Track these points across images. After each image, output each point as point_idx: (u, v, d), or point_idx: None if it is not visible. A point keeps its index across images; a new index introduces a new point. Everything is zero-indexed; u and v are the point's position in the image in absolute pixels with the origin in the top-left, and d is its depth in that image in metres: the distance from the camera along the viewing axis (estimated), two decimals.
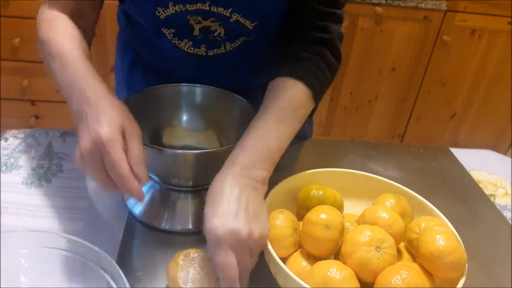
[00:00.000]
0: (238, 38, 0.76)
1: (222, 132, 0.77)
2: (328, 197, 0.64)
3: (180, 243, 0.65)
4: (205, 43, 0.76)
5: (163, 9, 0.71)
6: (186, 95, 0.77)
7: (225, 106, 0.75)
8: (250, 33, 0.75)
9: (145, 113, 0.70)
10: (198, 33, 0.74)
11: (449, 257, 0.53)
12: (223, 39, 0.76)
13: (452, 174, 0.90)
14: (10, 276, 0.53)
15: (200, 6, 0.70)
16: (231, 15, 0.71)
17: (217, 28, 0.73)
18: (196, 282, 0.54)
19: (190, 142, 0.77)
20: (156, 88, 0.75)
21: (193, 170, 0.65)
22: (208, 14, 0.71)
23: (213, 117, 0.77)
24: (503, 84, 2.08)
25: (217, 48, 0.77)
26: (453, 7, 1.88)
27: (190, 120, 0.78)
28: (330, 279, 0.51)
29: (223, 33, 0.75)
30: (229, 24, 0.73)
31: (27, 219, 0.67)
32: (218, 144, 0.76)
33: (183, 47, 0.76)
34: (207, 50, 0.77)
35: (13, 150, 0.81)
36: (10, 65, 1.86)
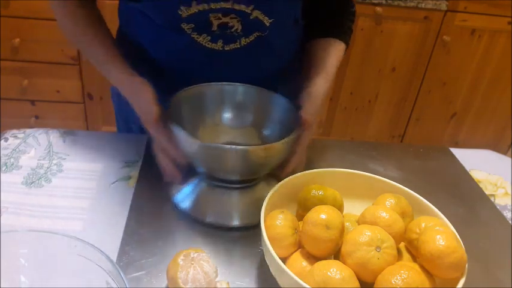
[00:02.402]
0: (253, 33, 0.78)
1: (261, 129, 0.79)
2: (328, 197, 0.64)
3: (180, 243, 0.66)
4: (222, 38, 0.77)
5: (186, 8, 0.72)
6: (227, 93, 0.79)
7: (264, 104, 0.78)
8: (265, 29, 0.77)
9: (188, 111, 0.74)
10: (216, 28, 0.75)
11: (449, 257, 0.53)
12: (240, 35, 0.77)
13: (452, 174, 0.90)
14: (10, 276, 0.53)
15: (223, 5, 0.72)
16: (252, 12, 0.74)
17: (235, 24, 0.75)
18: (196, 282, 0.54)
19: (232, 138, 0.79)
20: (199, 87, 0.77)
21: (244, 165, 0.67)
22: (229, 11, 0.73)
23: (253, 115, 0.80)
24: (503, 84, 2.08)
25: (233, 43, 0.78)
26: (453, 7, 1.88)
27: (231, 118, 0.80)
28: (330, 279, 0.51)
29: (240, 29, 0.76)
30: (248, 21, 0.75)
31: (27, 219, 0.67)
32: (259, 141, 0.78)
33: (201, 41, 0.77)
34: (223, 45, 0.78)
35: (13, 150, 0.81)
36: (10, 65, 1.86)
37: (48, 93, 1.95)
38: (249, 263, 0.64)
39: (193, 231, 0.68)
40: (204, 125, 0.78)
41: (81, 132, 0.88)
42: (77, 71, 1.92)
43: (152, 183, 0.76)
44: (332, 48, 0.85)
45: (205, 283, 0.54)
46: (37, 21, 1.78)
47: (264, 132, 0.79)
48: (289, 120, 0.73)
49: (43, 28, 1.79)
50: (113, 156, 0.82)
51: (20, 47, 1.82)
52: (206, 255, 0.57)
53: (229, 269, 0.62)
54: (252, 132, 0.79)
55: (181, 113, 0.72)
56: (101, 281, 0.53)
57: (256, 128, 0.79)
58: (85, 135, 0.87)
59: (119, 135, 0.90)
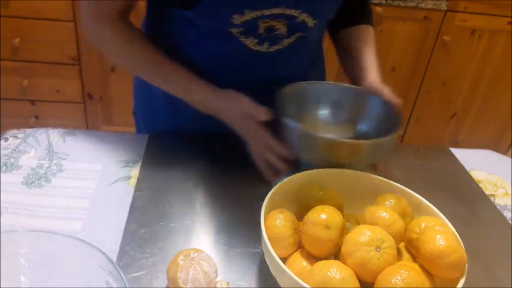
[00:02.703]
0: (296, 34, 0.80)
1: (356, 125, 0.83)
2: (328, 197, 0.64)
3: (180, 243, 0.66)
4: (268, 40, 0.79)
5: (239, 16, 0.73)
6: (324, 91, 0.84)
7: (359, 102, 0.82)
8: (308, 30, 0.80)
9: (289, 107, 0.76)
10: (262, 31, 0.77)
11: (449, 257, 0.53)
12: (284, 36, 0.80)
13: (452, 174, 0.90)
14: (10, 276, 0.53)
15: (274, 11, 0.74)
16: (299, 15, 0.76)
17: (281, 27, 0.78)
18: (196, 282, 0.54)
19: (329, 134, 0.81)
20: (298, 85, 0.82)
21: (355, 158, 0.70)
22: (279, 16, 0.75)
23: (348, 112, 0.84)
24: (503, 84, 2.08)
25: (277, 44, 0.81)
26: (453, 7, 1.88)
27: (327, 114, 0.85)
28: (330, 279, 0.51)
29: (285, 32, 0.79)
30: (294, 23, 0.78)
31: (27, 219, 0.67)
32: (356, 137, 0.82)
33: (248, 44, 0.79)
34: (268, 46, 0.80)
35: (13, 150, 0.81)
36: (10, 65, 1.86)
37: (48, 93, 1.95)
38: (249, 263, 0.64)
39: (193, 231, 0.68)
40: (302, 121, 0.80)
41: (81, 132, 0.88)
42: (77, 71, 1.92)
43: (152, 183, 0.76)
44: (368, 36, 0.90)
45: (205, 283, 0.54)
46: (37, 21, 1.78)
47: (358, 128, 0.83)
48: (382, 117, 0.79)
49: (43, 28, 1.79)
50: (113, 156, 0.82)
51: (20, 47, 1.82)
52: (206, 255, 0.57)
53: (229, 269, 0.62)
54: (348, 128, 0.83)
55: (283, 109, 0.74)
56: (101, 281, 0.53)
57: (351, 125, 0.83)
58: (85, 135, 0.87)
59: (119, 135, 0.90)
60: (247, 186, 0.78)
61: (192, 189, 0.76)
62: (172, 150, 0.86)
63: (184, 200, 0.74)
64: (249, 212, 0.72)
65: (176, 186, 0.76)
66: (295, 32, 0.80)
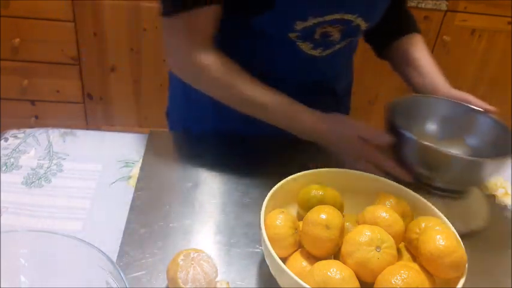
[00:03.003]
0: (347, 39, 0.83)
1: (464, 141, 0.82)
2: (328, 197, 0.64)
3: (180, 243, 0.66)
4: (322, 45, 0.81)
5: (302, 22, 0.74)
6: (433, 105, 0.84)
7: (469, 119, 0.82)
8: (359, 34, 0.83)
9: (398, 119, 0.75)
10: (318, 36, 0.78)
11: (449, 257, 0.53)
12: (337, 42, 0.82)
13: None
14: (10, 276, 0.53)
15: (335, 16, 0.75)
16: (355, 19, 0.78)
17: (335, 33, 0.79)
18: (196, 282, 0.54)
19: None
20: (408, 98, 0.84)
21: (470, 174, 0.71)
22: (339, 21, 0.77)
23: (457, 128, 0.83)
24: (503, 84, 2.08)
25: (329, 49, 0.82)
26: (453, 7, 1.88)
27: (435, 129, 0.84)
28: (330, 279, 0.51)
29: (338, 38, 0.81)
30: (349, 28, 0.79)
31: (27, 219, 0.67)
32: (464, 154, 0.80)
33: (303, 48, 0.80)
34: (322, 51, 0.82)
35: (13, 150, 0.81)
36: (10, 65, 1.86)
37: (48, 93, 1.95)
38: (249, 263, 0.64)
39: (193, 231, 0.68)
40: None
41: (81, 132, 0.88)
42: (77, 71, 1.92)
43: (152, 183, 0.76)
44: (422, 45, 0.93)
45: (205, 283, 0.54)
46: (37, 21, 1.78)
47: (466, 145, 0.82)
48: (490, 134, 0.79)
49: (43, 28, 1.79)
50: (113, 156, 0.82)
51: (20, 47, 1.82)
52: (206, 255, 0.57)
53: (229, 269, 0.62)
54: (456, 145, 0.81)
55: (395, 122, 0.73)
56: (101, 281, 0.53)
57: (459, 141, 0.82)
58: (85, 135, 0.87)
59: (119, 135, 0.90)
60: (247, 186, 0.78)
61: (192, 189, 0.76)
62: (172, 150, 0.86)
63: (184, 200, 0.74)
64: (249, 212, 0.73)
65: (176, 186, 0.76)
66: (348, 37, 0.82)
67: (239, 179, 0.80)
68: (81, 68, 1.91)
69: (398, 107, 0.78)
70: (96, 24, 1.80)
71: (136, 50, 1.89)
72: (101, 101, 2.01)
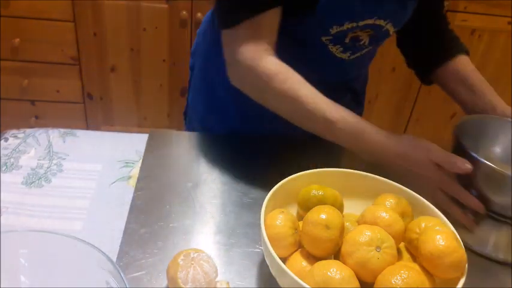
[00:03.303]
0: (374, 44, 0.84)
1: None
2: (328, 197, 0.64)
3: (180, 243, 0.66)
4: (351, 49, 0.82)
5: (338, 27, 0.75)
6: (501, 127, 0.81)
7: None
8: (387, 37, 0.84)
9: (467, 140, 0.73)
10: (348, 41, 0.80)
11: (449, 257, 0.53)
12: (365, 47, 0.83)
13: None
14: (10, 276, 0.53)
15: (368, 21, 0.77)
16: (386, 25, 0.79)
17: (364, 38, 0.80)
18: (196, 282, 0.54)
19: None
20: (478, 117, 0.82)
21: None
22: (370, 26, 0.78)
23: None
24: (503, 84, 2.08)
25: (357, 53, 0.84)
26: (453, 7, 1.88)
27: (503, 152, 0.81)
28: (330, 279, 0.51)
29: (367, 42, 0.82)
30: (378, 33, 0.80)
31: (27, 219, 0.67)
32: None
33: (334, 51, 0.81)
34: (350, 55, 0.83)
35: (13, 150, 0.81)
36: (10, 65, 1.86)
37: (48, 93, 1.95)
38: (249, 263, 0.64)
39: (193, 231, 0.68)
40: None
41: (81, 132, 0.88)
42: (77, 71, 1.92)
43: (152, 183, 0.76)
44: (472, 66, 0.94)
45: (205, 283, 0.54)
46: (37, 21, 1.78)
47: None
48: None
49: (43, 28, 1.79)
50: (113, 156, 0.82)
51: (20, 47, 1.82)
52: (206, 255, 0.57)
53: (229, 269, 0.62)
54: None
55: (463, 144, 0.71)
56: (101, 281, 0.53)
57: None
58: (85, 135, 0.87)
59: (118, 135, 0.90)
60: (247, 186, 0.78)
61: (192, 189, 0.76)
62: (172, 150, 0.86)
63: (184, 200, 0.74)
64: (249, 212, 0.73)
65: (176, 186, 0.76)
66: (376, 42, 0.83)
67: (239, 179, 0.80)
68: (81, 68, 1.91)
69: (465, 127, 0.76)
70: (96, 24, 1.80)
71: (136, 50, 1.89)
72: (101, 101, 2.01)
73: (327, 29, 0.76)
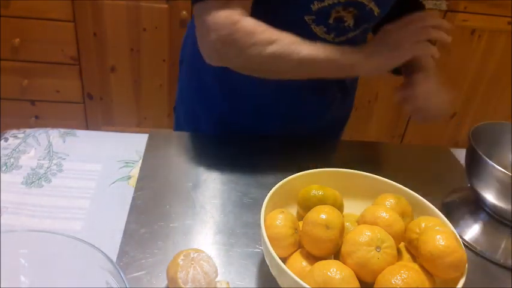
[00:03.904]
0: (360, 27, 0.83)
1: None
2: (328, 197, 0.64)
3: (180, 243, 0.66)
4: (335, 31, 0.81)
5: (319, 3, 0.75)
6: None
7: None
8: (372, 20, 0.83)
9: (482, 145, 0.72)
10: (332, 21, 0.79)
11: (449, 257, 0.53)
12: (350, 29, 0.82)
13: (452, 174, 0.90)
14: (10, 276, 0.53)
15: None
16: (369, 3, 0.78)
17: (349, 19, 0.80)
18: (196, 282, 0.54)
19: None
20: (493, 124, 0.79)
21: None
22: (353, 4, 0.77)
23: None
24: (503, 84, 2.08)
25: (342, 36, 0.83)
26: (453, 7, 1.88)
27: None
28: (330, 279, 0.51)
29: (352, 24, 0.81)
30: (362, 13, 0.80)
31: (27, 219, 0.67)
32: None
33: (317, 32, 0.80)
34: (334, 37, 0.82)
35: (13, 150, 0.81)
36: (10, 65, 1.86)
37: (48, 93, 1.95)
38: (249, 263, 0.64)
39: (193, 231, 0.68)
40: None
41: (81, 132, 0.88)
42: (77, 71, 1.92)
43: (152, 183, 0.76)
44: None
45: (205, 283, 0.54)
46: (37, 21, 1.78)
47: None
48: None
49: (43, 28, 1.79)
50: (113, 156, 0.82)
51: (20, 47, 1.82)
52: (206, 255, 0.57)
53: (229, 269, 0.62)
54: None
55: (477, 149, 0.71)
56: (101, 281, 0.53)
57: None
58: (85, 135, 0.87)
59: (119, 135, 0.90)
60: (247, 186, 0.78)
61: (192, 189, 0.76)
62: (172, 150, 0.86)
63: (184, 200, 0.74)
64: (249, 212, 0.73)
65: (176, 186, 0.76)
66: (361, 24, 0.82)
67: (239, 179, 0.80)
68: (81, 68, 1.91)
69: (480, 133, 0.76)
70: (96, 24, 1.80)
71: (136, 50, 1.89)
72: (101, 101, 2.01)
73: (308, 5, 0.75)
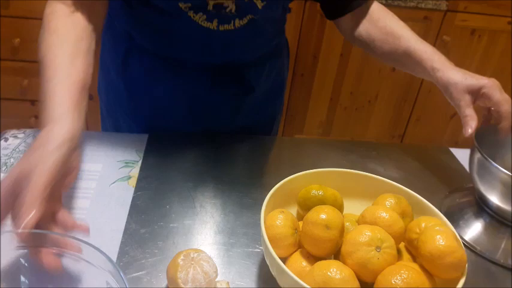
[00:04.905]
0: (246, 16, 0.80)
1: None
2: (328, 197, 0.64)
3: (180, 243, 0.66)
4: (217, 17, 0.79)
5: None
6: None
7: None
8: (257, 12, 0.79)
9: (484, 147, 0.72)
10: (211, 8, 0.77)
11: (449, 257, 0.53)
12: (234, 15, 0.79)
13: (452, 174, 0.90)
14: (10, 276, 0.53)
15: None
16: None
17: (230, 5, 0.77)
18: (196, 282, 0.54)
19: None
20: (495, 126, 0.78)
21: None
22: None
23: None
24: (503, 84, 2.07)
25: (227, 23, 0.80)
26: (453, 7, 1.88)
27: None
28: (330, 279, 0.51)
29: (234, 10, 0.78)
30: (243, 4, 0.77)
31: None
32: None
33: (197, 20, 0.78)
34: (218, 24, 0.80)
35: (13, 150, 0.81)
36: (10, 65, 1.86)
37: None
38: (249, 263, 0.64)
39: (193, 231, 0.68)
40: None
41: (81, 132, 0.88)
42: None
43: (152, 183, 0.76)
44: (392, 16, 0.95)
45: (205, 283, 0.54)
46: (37, 21, 1.77)
47: None
48: None
49: None
50: (113, 156, 0.82)
51: (20, 47, 1.82)
52: (206, 255, 0.57)
53: (229, 269, 0.62)
54: None
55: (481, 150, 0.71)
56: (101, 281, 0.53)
57: None
58: (85, 135, 0.87)
59: (118, 135, 0.90)
60: (247, 186, 0.78)
61: (192, 189, 0.76)
62: (172, 150, 0.86)
63: (184, 200, 0.74)
64: (249, 212, 0.73)
65: (176, 186, 0.76)
66: (247, 13, 0.80)
67: (239, 179, 0.80)
68: None
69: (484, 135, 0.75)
70: None
71: None
72: None
73: None
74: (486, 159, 0.69)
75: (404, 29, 0.90)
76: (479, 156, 0.70)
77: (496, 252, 0.70)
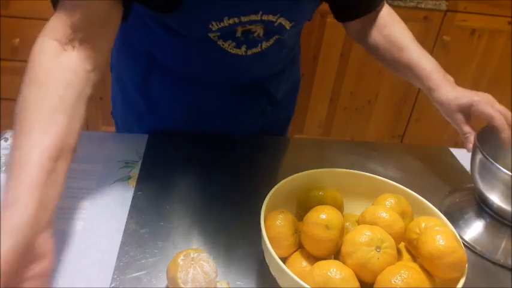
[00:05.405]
0: (273, 37, 0.80)
1: None
2: (328, 197, 0.64)
3: (180, 243, 0.66)
4: (245, 43, 0.78)
5: (217, 23, 0.72)
6: None
7: None
8: (285, 32, 0.80)
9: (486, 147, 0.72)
10: (240, 34, 0.76)
11: (449, 257, 0.53)
12: (261, 39, 0.79)
13: (452, 174, 0.90)
14: None
15: (252, 17, 0.73)
16: (277, 19, 0.75)
17: (258, 30, 0.77)
18: (196, 282, 0.54)
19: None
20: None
21: None
22: (257, 22, 0.75)
23: None
24: (503, 84, 2.08)
25: (255, 47, 0.80)
26: (453, 7, 1.88)
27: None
28: (330, 279, 0.51)
29: (262, 34, 0.78)
30: (272, 27, 0.77)
31: None
32: None
33: (226, 47, 0.78)
34: (246, 49, 0.79)
35: None
36: (10, 65, 1.86)
37: None
38: (249, 263, 0.64)
39: (193, 231, 0.68)
40: None
41: (81, 132, 0.88)
42: None
43: (152, 183, 0.76)
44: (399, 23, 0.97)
45: (205, 283, 0.54)
46: (37, 21, 1.78)
47: None
48: None
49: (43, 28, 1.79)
50: (113, 156, 0.82)
51: (20, 47, 1.82)
52: (206, 255, 0.57)
53: (229, 269, 0.62)
54: None
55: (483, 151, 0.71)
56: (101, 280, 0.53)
57: None
58: (85, 135, 0.87)
59: (119, 135, 0.90)
60: (247, 186, 0.78)
61: (192, 189, 0.76)
62: (172, 150, 0.86)
63: (184, 200, 0.74)
64: (249, 212, 0.72)
65: (176, 186, 0.76)
66: (273, 35, 0.79)
67: (239, 179, 0.80)
68: None
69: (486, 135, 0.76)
70: None
71: None
72: (100, 101, 2.01)
73: (206, 26, 0.72)
74: (487, 159, 0.69)
75: (408, 39, 0.90)
76: (481, 156, 0.70)
77: (496, 252, 0.70)
